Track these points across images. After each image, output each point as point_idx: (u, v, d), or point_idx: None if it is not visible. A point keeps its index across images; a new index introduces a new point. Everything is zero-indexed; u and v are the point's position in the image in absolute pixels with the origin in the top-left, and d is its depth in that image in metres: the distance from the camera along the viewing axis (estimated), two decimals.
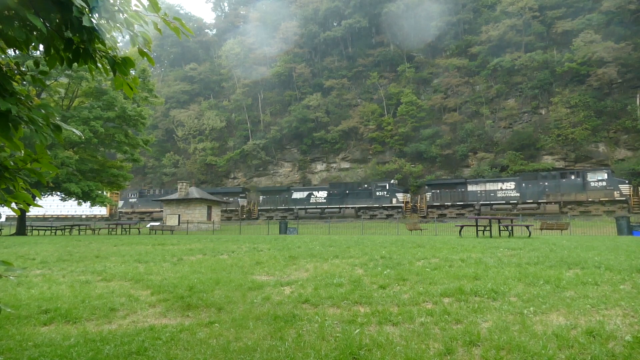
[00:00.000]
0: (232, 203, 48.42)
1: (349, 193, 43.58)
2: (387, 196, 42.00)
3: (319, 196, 44.99)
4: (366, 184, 43.93)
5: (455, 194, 39.94)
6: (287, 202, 45.94)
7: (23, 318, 4.78)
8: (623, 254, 8.92)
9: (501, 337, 3.72)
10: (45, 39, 2.56)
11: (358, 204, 42.82)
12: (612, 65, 41.48)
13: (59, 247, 13.82)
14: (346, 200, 43.41)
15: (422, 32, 54.37)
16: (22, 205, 3.02)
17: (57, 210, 53.29)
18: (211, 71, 73.27)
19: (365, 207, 42.41)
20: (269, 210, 46.81)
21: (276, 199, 46.74)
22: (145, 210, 51.04)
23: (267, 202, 47.15)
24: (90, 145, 28.30)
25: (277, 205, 46.27)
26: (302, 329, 4.16)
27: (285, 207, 45.90)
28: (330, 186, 45.96)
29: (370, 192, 42.75)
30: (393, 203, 41.65)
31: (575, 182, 35.96)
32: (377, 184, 42.92)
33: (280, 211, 46.34)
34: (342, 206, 43.40)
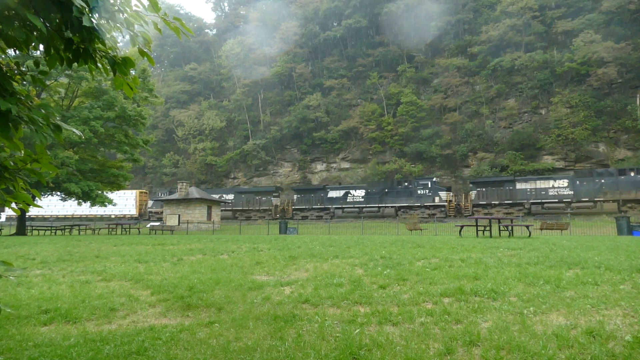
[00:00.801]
0: (265, 202, 47.34)
1: (388, 191, 42.08)
2: (429, 194, 40.28)
3: (357, 195, 43.55)
4: (407, 182, 42.28)
5: (503, 192, 38.08)
6: (322, 201, 44.53)
7: (23, 318, 4.78)
8: (623, 254, 8.92)
9: (501, 337, 3.72)
10: (45, 39, 2.56)
11: (398, 202, 41.11)
12: (612, 65, 41.50)
13: (59, 247, 13.82)
14: (385, 199, 41.82)
15: (422, 32, 54.40)
16: (22, 205, 3.02)
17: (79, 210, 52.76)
18: (211, 71, 73.31)
19: (406, 206, 40.80)
20: (304, 209, 45.51)
21: (311, 198, 45.36)
22: None
23: (301, 201, 45.89)
24: (90, 145, 28.30)
25: (312, 205, 44.92)
26: (302, 329, 4.16)
27: (321, 207, 44.48)
28: (368, 185, 44.73)
29: (411, 191, 41.06)
30: (436, 202, 39.93)
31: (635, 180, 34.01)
32: (419, 182, 41.24)
33: (315, 210, 44.97)
34: (381, 205, 41.86)
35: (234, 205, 48.04)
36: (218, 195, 48.53)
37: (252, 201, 47.69)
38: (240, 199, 48.11)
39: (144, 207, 53.82)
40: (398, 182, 42.92)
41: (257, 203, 47.26)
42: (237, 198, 48.33)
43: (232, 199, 48.24)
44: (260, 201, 47.25)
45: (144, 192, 55.32)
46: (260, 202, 47.22)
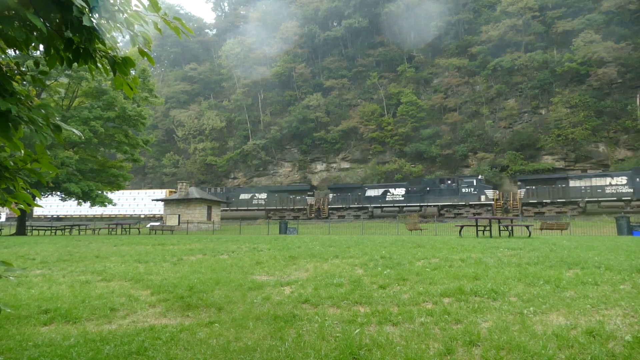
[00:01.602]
0: (300, 201, 45.84)
1: (430, 190, 40.47)
2: (474, 193, 38.63)
3: (396, 193, 42.05)
4: (449, 180, 40.58)
5: (555, 190, 36.22)
6: (360, 200, 43.09)
7: (23, 318, 4.78)
8: (623, 254, 8.92)
9: (501, 337, 3.72)
10: (45, 39, 2.56)
11: (441, 201, 39.68)
12: (612, 65, 41.49)
13: (59, 247, 13.82)
14: (427, 197, 40.30)
15: (422, 32, 54.40)
16: (22, 205, 3.02)
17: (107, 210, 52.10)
18: (211, 71, 73.30)
19: (450, 205, 39.37)
20: (340, 208, 44.14)
21: (348, 197, 43.89)
22: None
23: (337, 200, 44.48)
24: (90, 145, 28.30)
25: (349, 204, 43.59)
26: (302, 329, 4.16)
27: (359, 206, 43.11)
28: (408, 183, 43.05)
29: (455, 189, 39.50)
30: (482, 200, 38.32)
31: None
32: (464, 180, 39.74)
33: (352, 210, 43.57)
34: (423, 204, 40.40)
35: (267, 205, 46.83)
36: (250, 194, 47.89)
37: (285, 200, 46.22)
38: (274, 198, 46.81)
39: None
40: (441, 180, 41.15)
41: (291, 202, 45.82)
42: (270, 197, 47.04)
43: (265, 198, 47.06)
44: (294, 200, 45.82)
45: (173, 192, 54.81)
46: (294, 201, 45.79)
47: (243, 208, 47.55)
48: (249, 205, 47.51)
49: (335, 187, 46.39)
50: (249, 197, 47.81)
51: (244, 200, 47.83)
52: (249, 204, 47.58)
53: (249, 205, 47.52)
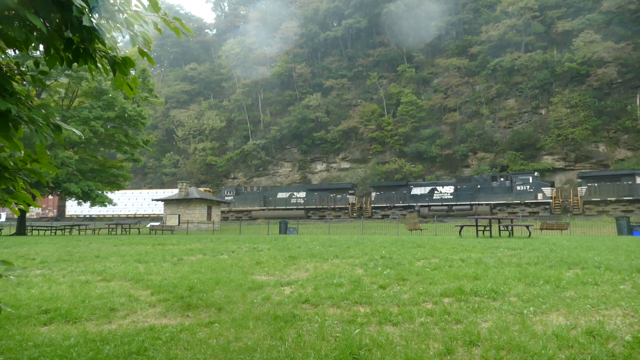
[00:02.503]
0: (341, 200, 44.19)
1: (481, 188, 38.58)
2: (530, 191, 36.66)
3: (444, 192, 40.21)
4: (502, 177, 38.67)
5: (620, 188, 34.16)
6: (405, 199, 41.32)
7: (23, 318, 4.78)
8: (623, 254, 8.91)
9: (501, 337, 3.72)
10: (45, 39, 2.56)
11: (494, 200, 37.87)
12: (612, 65, 41.50)
13: (59, 247, 13.82)
14: (478, 196, 38.45)
15: (422, 32, 54.41)
16: (22, 205, 3.02)
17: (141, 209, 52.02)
18: (211, 71, 73.32)
19: (503, 203, 37.47)
20: (385, 207, 42.31)
21: (392, 196, 41.99)
22: (243, 209, 47.75)
23: (381, 199, 42.64)
24: (90, 145, 28.31)
25: (394, 202, 41.72)
26: (302, 329, 4.16)
27: (404, 204, 41.33)
28: (457, 180, 41.06)
29: (509, 187, 37.59)
30: (538, 198, 36.36)
31: None
32: (518, 177, 37.79)
33: (397, 208, 41.63)
34: (474, 203, 38.67)
35: (306, 204, 45.32)
36: (288, 193, 46.57)
37: (326, 199, 44.63)
38: (313, 197, 45.28)
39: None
40: (493, 178, 39.23)
41: (332, 201, 44.26)
42: (310, 196, 45.55)
43: (304, 197, 45.63)
44: (335, 199, 44.24)
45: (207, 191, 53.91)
46: (335, 200, 44.19)
47: (281, 207, 46.09)
48: (287, 205, 46.03)
49: (378, 186, 44.72)
50: (287, 196, 46.40)
51: (282, 200, 46.42)
52: (287, 203, 46.10)
53: (287, 205, 46.02)
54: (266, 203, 46.56)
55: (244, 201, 47.88)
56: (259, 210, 46.30)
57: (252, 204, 47.16)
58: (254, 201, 46.95)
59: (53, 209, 53.06)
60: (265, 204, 46.54)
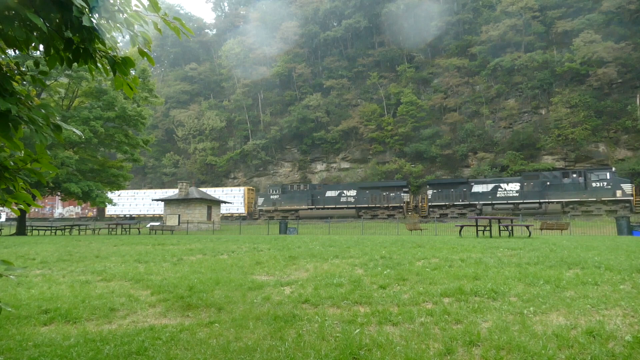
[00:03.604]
0: (394, 198, 42.17)
1: (551, 184, 36.35)
2: (608, 187, 34.34)
3: (509, 189, 38.12)
4: (575, 173, 36.21)
5: None
6: (466, 197, 39.37)
7: (23, 318, 4.78)
8: (623, 254, 8.92)
9: (501, 337, 3.72)
10: (45, 38, 2.56)
11: (565, 197, 35.52)
12: (612, 65, 41.49)
13: (59, 247, 13.82)
14: (547, 193, 36.16)
15: (422, 32, 54.40)
16: (22, 205, 3.02)
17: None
18: (211, 71, 73.34)
19: (576, 201, 35.08)
20: (443, 206, 40.44)
21: (451, 194, 40.12)
22: (290, 208, 46.20)
23: (438, 197, 40.71)
24: (90, 145, 28.32)
25: (453, 201, 39.85)
26: (302, 329, 4.16)
27: (464, 203, 39.41)
28: (523, 177, 38.49)
29: (582, 183, 35.28)
30: (617, 196, 33.95)
31: None
32: (594, 173, 35.47)
33: (457, 207, 39.82)
34: (543, 201, 36.37)
35: (357, 202, 43.63)
36: (338, 191, 44.75)
37: (378, 197, 42.83)
38: (364, 196, 43.51)
39: (253, 205, 50.50)
40: (564, 174, 36.93)
41: (385, 199, 42.46)
42: (361, 194, 43.82)
43: (355, 195, 44.01)
44: (388, 197, 42.37)
45: (251, 189, 52.06)
46: (388, 199, 42.35)
47: (330, 206, 44.42)
48: (336, 204, 44.46)
49: (435, 183, 42.36)
50: (337, 195, 44.84)
51: (331, 198, 44.84)
52: (336, 202, 44.52)
53: (337, 204, 44.45)
54: (314, 202, 45.11)
55: (290, 200, 46.29)
56: (307, 210, 44.78)
57: (300, 202, 45.61)
58: (302, 200, 45.44)
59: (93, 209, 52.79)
60: (313, 202, 45.07)
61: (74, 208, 53.54)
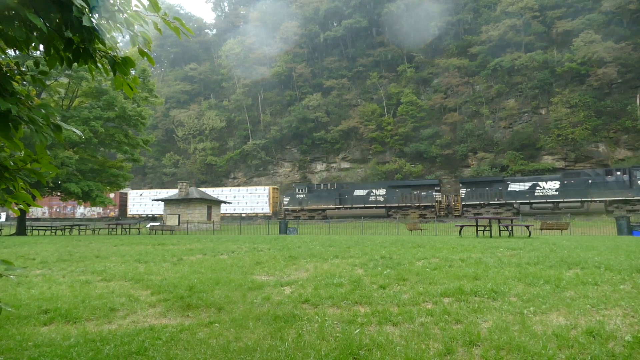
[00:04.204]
0: (426, 197, 40.98)
1: (593, 182, 34.96)
2: None
3: (548, 187, 36.59)
4: (619, 171, 34.77)
5: None
6: (501, 196, 37.93)
7: (23, 318, 4.78)
8: (623, 254, 8.91)
9: (501, 337, 3.72)
10: (45, 38, 2.56)
11: (609, 195, 34.13)
12: (612, 65, 41.50)
13: (59, 247, 13.82)
14: (589, 191, 34.80)
15: (422, 32, 54.42)
16: (22, 205, 3.02)
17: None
18: (211, 71, 73.34)
19: (621, 200, 33.58)
20: (477, 205, 38.95)
21: (485, 192, 38.67)
22: (317, 207, 44.87)
23: (472, 196, 39.24)
24: (90, 145, 28.31)
25: (488, 200, 38.39)
26: (302, 329, 4.16)
27: (500, 202, 37.94)
28: (563, 174, 37.13)
29: (627, 182, 33.66)
30: None
31: None
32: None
33: (492, 206, 38.37)
34: (585, 199, 34.95)
35: (386, 202, 42.28)
36: (366, 190, 43.77)
37: (409, 196, 41.67)
38: (394, 194, 42.12)
39: (278, 205, 49.36)
40: (607, 171, 35.35)
41: (416, 198, 41.32)
42: (390, 193, 42.42)
43: (385, 195, 42.67)
44: (419, 196, 41.26)
45: (275, 189, 50.80)
46: (419, 198, 41.25)
47: (359, 206, 43.13)
48: (365, 203, 43.14)
49: (468, 181, 41.05)
50: (365, 194, 43.55)
51: (360, 197, 43.54)
52: (365, 202, 43.20)
53: (366, 203, 43.12)
54: (342, 201, 43.99)
55: (317, 199, 45.12)
56: (334, 209, 43.69)
57: (327, 202, 44.47)
58: (329, 199, 44.35)
59: (115, 209, 52.69)
60: (341, 202, 43.98)
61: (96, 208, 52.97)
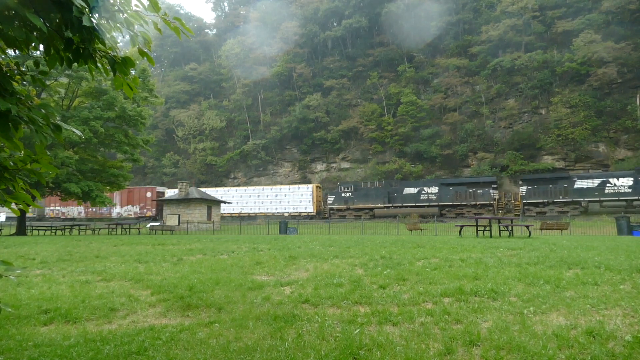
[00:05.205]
0: (482, 196, 39.14)
1: None
2: None
3: (620, 184, 34.33)
4: None
5: None
6: (567, 193, 35.74)
7: (23, 318, 4.78)
8: (623, 254, 8.91)
9: (501, 337, 3.72)
10: (45, 38, 2.56)
11: None
12: (612, 65, 41.51)
13: (59, 247, 13.82)
14: None
15: (422, 32, 54.41)
16: (21, 205, 3.02)
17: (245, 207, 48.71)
18: (211, 71, 73.33)
19: None
20: (539, 204, 36.88)
21: (549, 189, 36.45)
22: (364, 206, 43.36)
23: (534, 194, 37.15)
24: (90, 145, 28.30)
25: (552, 198, 36.18)
26: (302, 329, 4.16)
27: (566, 200, 35.79)
28: (636, 171, 34.50)
29: None
30: None
31: None
32: None
33: (557, 205, 36.20)
34: None
35: (439, 200, 40.58)
36: (417, 188, 41.80)
37: (463, 194, 39.95)
38: (448, 193, 40.53)
39: (321, 203, 48.12)
40: None
41: (472, 197, 39.59)
42: (443, 191, 40.75)
43: (437, 193, 41.00)
44: (475, 194, 39.47)
45: (319, 187, 49.03)
46: (475, 196, 39.46)
47: (409, 204, 41.53)
48: (416, 201, 41.47)
49: (529, 179, 38.55)
50: (416, 192, 41.96)
51: (410, 196, 41.87)
52: (416, 200, 41.53)
53: (417, 201, 41.46)
54: (391, 200, 42.47)
55: (364, 198, 43.59)
56: (383, 208, 42.22)
57: (375, 200, 42.82)
58: (377, 198, 42.73)
59: (152, 208, 52.55)
60: (390, 200, 42.42)
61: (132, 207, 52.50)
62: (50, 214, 54.24)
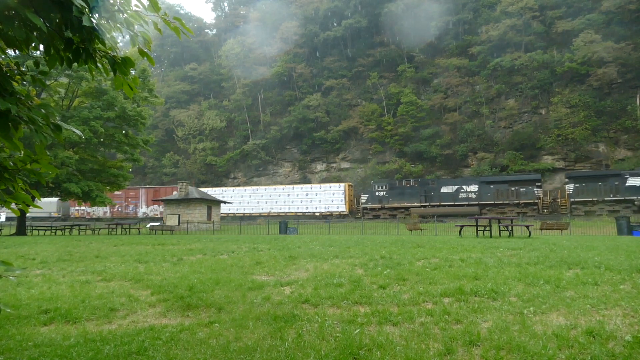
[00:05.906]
0: (525, 194, 37.90)
1: None
2: None
3: None
4: None
5: None
6: (618, 191, 34.17)
7: (23, 318, 4.78)
8: (623, 254, 8.91)
9: (501, 337, 3.72)
10: (45, 38, 2.56)
11: None
12: (612, 65, 41.52)
13: (59, 247, 13.82)
14: None
15: (422, 32, 54.42)
16: (21, 205, 3.02)
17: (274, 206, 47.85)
18: (211, 71, 73.34)
19: None
20: (588, 202, 35.33)
21: (598, 188, 34.93)
22: (399, 205, 42.00)
23: (582, 192, 35.64)
24: (90, 145, 28.30)
25: (603, 196, 34.70)
26: (302, 329, 4.16)
27: (617, 198, 34.18)
28: None
29: None
30: None
31: None
32: None
33: (607, 203, 34.66)
34: None
35: (479, 199, 39.35)
36: (456, 187, 40.68)
37: (505, 193, 38.54)
38: (488, 191, 39.16)
39: (354, 203, 47.32)
40: None
41: (514, 195, 38.20)
42: (483, 189, 39.36)
43: (476, 191, 39.69)
44: (517, 192, 38.09)
45: (351, 186, 48.25)
46: (517, 194, 38.07)
47: (447, 203, 40.35)
48: (455, 200, 40.26)
49: (577, 176, 37.04)
50: (454, 190, 40.76)
51: (448, 194, 40.70)
52: (454, 199, 40.34)
53: (455, 200, 40.22)
54: (427, 198, 41.39)
55: (400, 196, 42.33)
56: (420, 207, 41.15)
57: (411, 199, 41.63)
58: (413, 196, 41.60)
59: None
60: (427, 199, 41.37)
61: (158, 207, 51.76)
62: (76, 214, 53.86)
